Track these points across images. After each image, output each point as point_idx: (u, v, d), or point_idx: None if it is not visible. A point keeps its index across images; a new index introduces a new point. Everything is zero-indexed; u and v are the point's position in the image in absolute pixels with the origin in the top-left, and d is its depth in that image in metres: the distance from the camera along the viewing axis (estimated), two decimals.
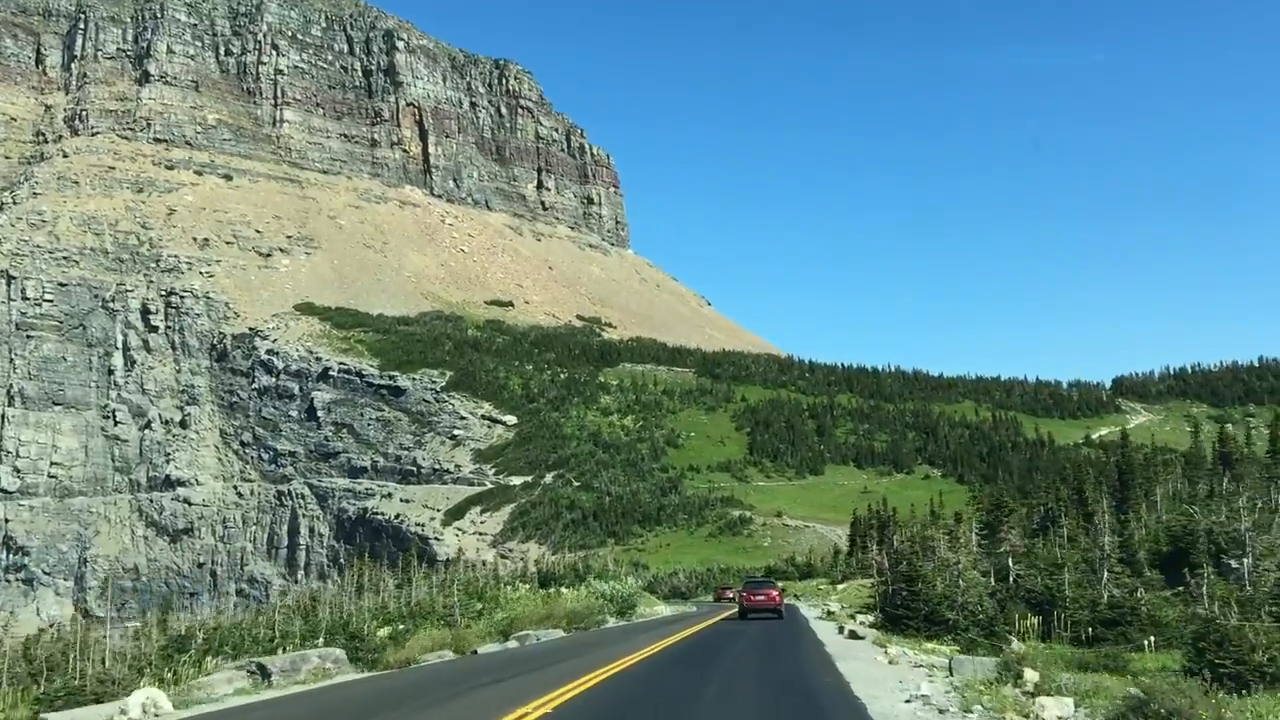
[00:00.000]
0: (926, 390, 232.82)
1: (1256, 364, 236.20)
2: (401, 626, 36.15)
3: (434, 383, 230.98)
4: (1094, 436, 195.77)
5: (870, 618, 40.34)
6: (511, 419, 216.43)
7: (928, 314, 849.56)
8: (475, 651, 32.30)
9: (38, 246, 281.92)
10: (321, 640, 29.95)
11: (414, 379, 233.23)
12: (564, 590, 54.40)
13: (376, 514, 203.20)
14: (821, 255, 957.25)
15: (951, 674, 22.51)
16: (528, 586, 55.86)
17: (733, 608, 59.61)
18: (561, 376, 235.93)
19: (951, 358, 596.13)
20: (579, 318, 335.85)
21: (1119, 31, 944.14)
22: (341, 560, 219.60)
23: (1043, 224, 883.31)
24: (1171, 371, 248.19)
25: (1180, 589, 33.86)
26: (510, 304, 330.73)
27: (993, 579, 37.48)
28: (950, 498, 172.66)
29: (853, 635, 33.46)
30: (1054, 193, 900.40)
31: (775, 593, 48.46)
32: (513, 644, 35.00)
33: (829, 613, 49.08)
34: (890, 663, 25.45)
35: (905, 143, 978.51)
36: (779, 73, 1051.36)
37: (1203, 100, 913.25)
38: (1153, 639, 29.35)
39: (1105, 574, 34.17)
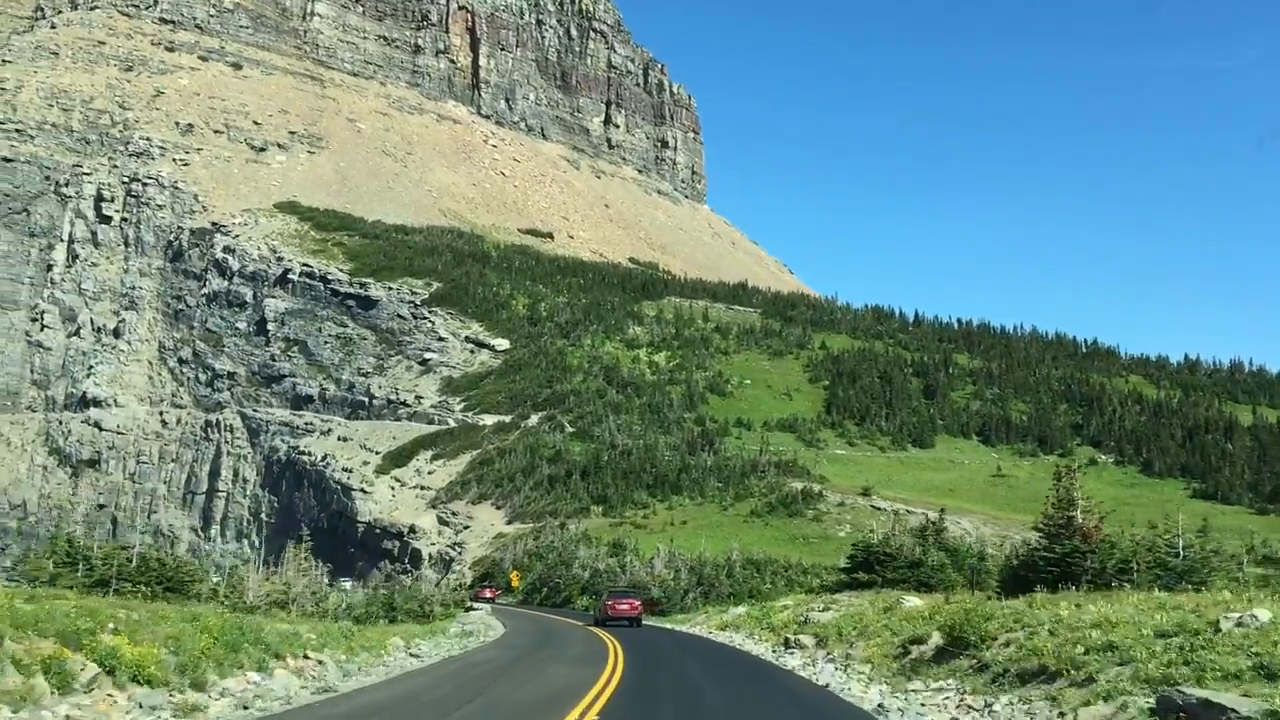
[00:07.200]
0: (1077, 358, 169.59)
1: None
2: None
3: (414, 294, 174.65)
4: None
5: None
6: (503, 343, 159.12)
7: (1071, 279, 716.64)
8: None
9: None
10: None
11: (390, 289, 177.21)
12: None
13: (303, 455, 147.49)
14: (942, 231, 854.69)
15: None
16: None
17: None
18: (583, 300, 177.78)
19: (1090, 330, 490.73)
20: (632, 260, 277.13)
21: None
22: (264, 516, 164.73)
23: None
24: None
25: None
26: (550, 235, 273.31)
27: None
28: (1146, 492, 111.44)
29: None
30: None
31: (638, 603, 47.69)
32: None
33: None
34: None
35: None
36: (900, 41, 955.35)
37: None
38: None
39: None
